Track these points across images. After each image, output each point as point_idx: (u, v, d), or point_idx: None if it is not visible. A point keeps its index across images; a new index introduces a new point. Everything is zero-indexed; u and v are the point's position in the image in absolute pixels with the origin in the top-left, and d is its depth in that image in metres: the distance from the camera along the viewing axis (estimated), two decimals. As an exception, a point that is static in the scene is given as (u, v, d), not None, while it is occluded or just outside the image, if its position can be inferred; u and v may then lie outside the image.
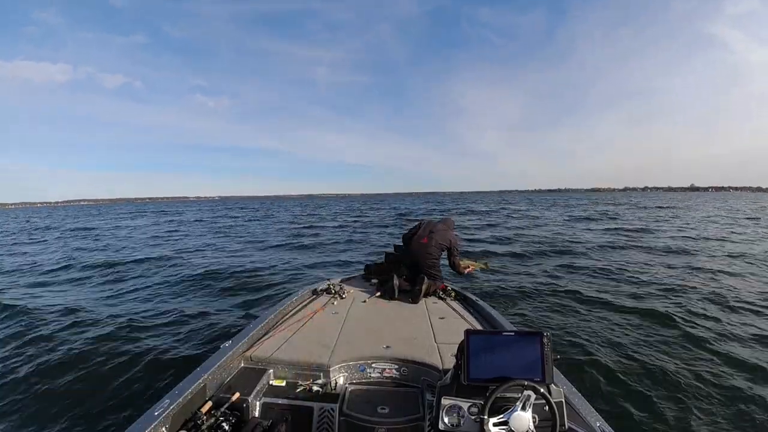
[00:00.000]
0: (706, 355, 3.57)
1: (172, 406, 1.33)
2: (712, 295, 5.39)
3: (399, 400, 1.69)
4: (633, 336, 4.03)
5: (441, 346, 2.01)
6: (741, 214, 22.69)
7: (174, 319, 4.60)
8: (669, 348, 3.71)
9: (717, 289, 5.67)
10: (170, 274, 7.41)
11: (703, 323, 4.32)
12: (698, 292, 5.54)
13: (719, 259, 8.10)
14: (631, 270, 7.22)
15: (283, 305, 2.60)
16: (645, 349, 3.68)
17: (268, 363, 1.86)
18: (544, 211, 27.30)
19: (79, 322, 4.48)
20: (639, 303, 5.13)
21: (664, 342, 3.86)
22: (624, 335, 4.05)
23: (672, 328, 4.22)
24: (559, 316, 4.68)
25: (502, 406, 1.16)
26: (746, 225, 15.77)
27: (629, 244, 10.50)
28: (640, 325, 4.36)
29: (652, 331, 4.16)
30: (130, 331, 4.15)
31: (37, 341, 3.89)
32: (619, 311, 4.82)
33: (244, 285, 6.31)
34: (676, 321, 4.40)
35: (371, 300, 2.93)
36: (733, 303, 5.04)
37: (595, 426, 1.31)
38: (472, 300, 2.86)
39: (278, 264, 8.29)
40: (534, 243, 10.74)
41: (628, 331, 4.18)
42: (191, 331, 4.20)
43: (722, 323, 4.32)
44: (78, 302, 5.38)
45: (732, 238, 11.54)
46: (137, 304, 5.35)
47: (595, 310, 4.87)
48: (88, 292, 6.23)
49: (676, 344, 3.81)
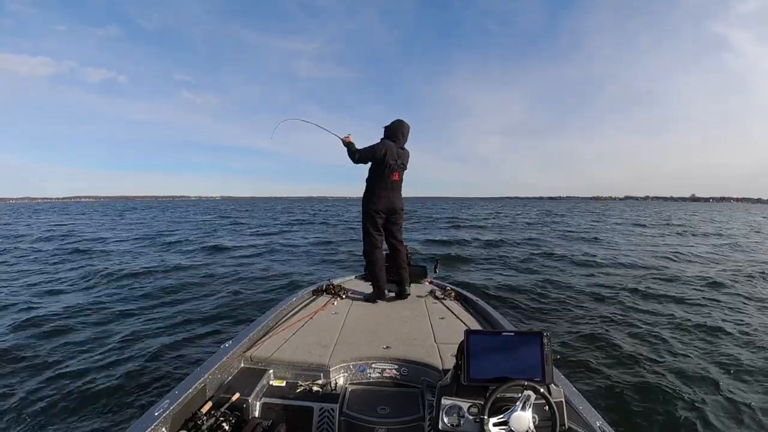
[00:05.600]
0: (707, 355, 3.57)
1: (172, 407, 1.33)
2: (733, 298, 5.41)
3: (399, 401, 1.69)
4: (633, 336, 4.03)
5: (441, 346, 2.01)
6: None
7: (173, 317, 4.60)
8: (670, 349, 3.71)
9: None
10: (169, 272, 7.42)
11: (707, 326, 4.33)
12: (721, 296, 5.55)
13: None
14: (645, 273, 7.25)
15: (283, 305, 2.60)
16: (645, 350, 3.68)
17: (268, 363, 1.86)
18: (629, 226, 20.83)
19: (78, 320, 4.48)
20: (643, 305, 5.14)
21: (664, 342, 3.86)
22: (624, 335, 4.05)
23: (674, 329, 4.23)
24: (559, 316, 4.68)
25: (502, 406, 1.16)
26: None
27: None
28: (644, 325, 4.36)
29: (655, 331, 4.17)
30: (130, 331, 4.15)
31: (36, 339, 3.89)
32: (628, 310, 4.83)
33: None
34: (679, 322, 4.41)
35: (364, 297, 2.94)
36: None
37: (595, 426, 1.31)
38: (472, 300, 2.86)
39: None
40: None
41: (629, 331, 4.19)
42: (191, 330, 4.20)
43: (729, 326, 4.32)
44: (76, 302, 5.39)
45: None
46: (134, 304, 5.36)
47: (597, 311, 4.87)
48: (84, 292, 6.23)
49: (677, 345, 3.81)
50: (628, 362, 3.41)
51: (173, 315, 4.77)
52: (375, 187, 2.89)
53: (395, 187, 2.92)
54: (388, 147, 2.81)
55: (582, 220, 25.51)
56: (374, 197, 2.88)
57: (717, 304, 5.20)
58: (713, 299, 5.41)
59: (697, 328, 4.20)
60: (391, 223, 2.99)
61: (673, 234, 16.24)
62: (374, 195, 2.89)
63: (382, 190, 2.88)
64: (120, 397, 2.87)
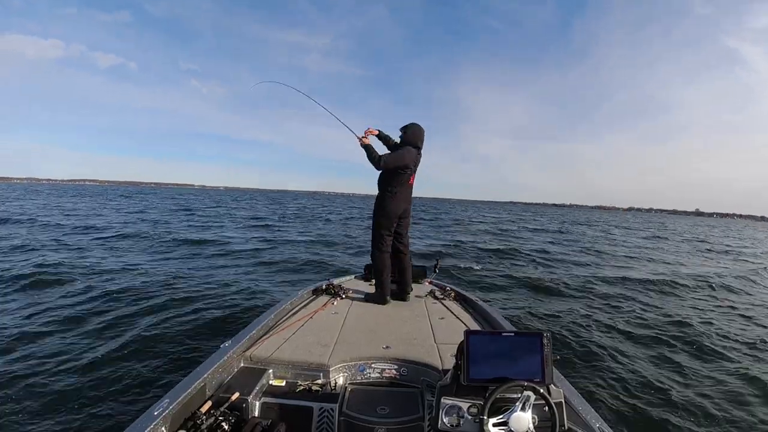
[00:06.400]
0: (707, 356, 3.57)
1: (171, 406, 1.33)
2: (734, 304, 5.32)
3: (399, 400, 1.69)
4: (634, 336, 4.03)
5: (441, 346, 2.02)
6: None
7: (173, 317, 4.60)
8: (670, 350, 3.71)
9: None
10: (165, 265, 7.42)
11: (711, 330, 4.32)
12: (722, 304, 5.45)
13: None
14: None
15: (283, 305, 2.60)
16: (645, 350, 3.68)
17: (267, 363, 1.86)
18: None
19: (75, 319, 4.48)
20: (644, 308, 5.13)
21: (664, 343, 3.86)
22: (625, 336, 4.05)
23: (676, 329, 4.23)
24: (561, 317, 4.68)
25: (501, 406, 1.16)
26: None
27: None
28: (644, 326, 4.36)
29: (653, 332, 4.17)
30: (129, 331, 4.15)
31: (35, 337, 3.89)
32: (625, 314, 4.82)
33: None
34: (684, 324, 4.41)
35: (366, 297, 2.94)
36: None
37: (595, 426, 1.31)
38: (472, 300, 2.86)
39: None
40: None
41: (629, 331, 4.18)
42: (190, 329, 4.19)
43: (734, 329, 4.31)
44: (74, 300, 5.38)
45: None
46: (131, 303, 5.35)
47: (597, 312, 4.87)
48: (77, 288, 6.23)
49: (678, 347, 3.81)
50: (628, 363, 3.41)
51: (173, 315, 4.77)
52: (393, 191, 2.83)
53: (410, 191, 2.94)
54: (413, 155, 2.78)
55: (635, 238, 19.50)
56: (392, 202, 2.83)
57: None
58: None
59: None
60: (401, 227, 2.98)
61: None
62: (392, 199, 2.83)
63: (400, 194, 2.85)
64: (119, 396, 2.86)
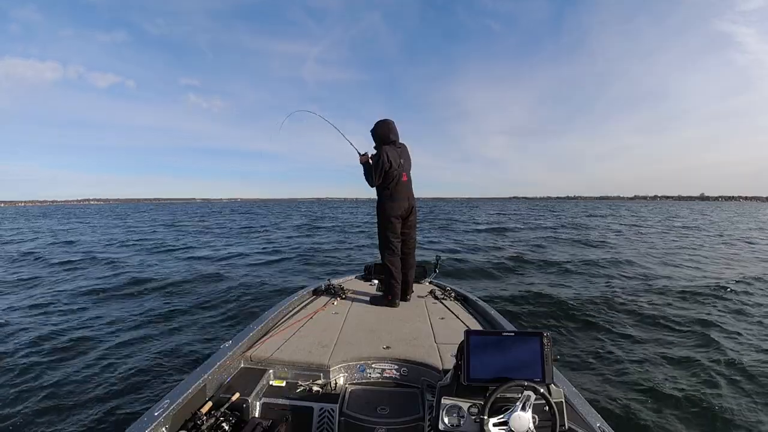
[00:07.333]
0: (708, 357, 3.57)
1: (172, 407, 1.33)
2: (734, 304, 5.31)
3: (399, 401, 1.69)
4: (633, 336, 4.03)
5: (441, 346, 2.01)
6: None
7: (173, 317, 4.60)
8: (670, 349, 3.71)
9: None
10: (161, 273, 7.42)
11: (712, 328, 4.31)
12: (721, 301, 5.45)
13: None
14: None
15: (283, 305, 2.60)
16: (646, 350, 3.68)
17: (268, 363, 1.86)
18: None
19: (77, 323, 4.48)
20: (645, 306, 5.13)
21: (665, 343, 3.86)
22: (624, 336, 4.05)
23: (677, 330, 4.23)
24: (562, 316, 4.68)
25: (502, 406, 1.16)
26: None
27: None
28: (643, 326, 4.36)
29: (654, 331, 4.17)
30: (129, 331, 4.15)
31: (34, 341, 3.89)
32: (627, 313, 4.82)
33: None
34: (683, 323, 4.40)
35: (371, 300, 2.93)
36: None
37: (595, 426, 1.31)
38: (472, 300, 2.85)
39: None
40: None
41: (629, 331, 4.18)
42: (191, 330, 4.20)
43: (736, 330, 4.29)
44: (74, 306, 5.39)
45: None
46: (130, 306, 5.36)
47: (599, 312, 4.87)
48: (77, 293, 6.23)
49: (679, 346, 3.81)
50: (628, 363, 3.41)
51: (172, 315, 4.77)
52: (389, 193, 2.82)
53: (408, 187, 2.88)
54: (388, 153, 2.73)
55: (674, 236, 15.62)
56: (390, 204, 2.81)
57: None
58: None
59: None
60: (407, 227, 2.93)
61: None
62: (390, 201, 2.82)
63: (396, 194, 2.82)
64: (120, 397, 2.87)
